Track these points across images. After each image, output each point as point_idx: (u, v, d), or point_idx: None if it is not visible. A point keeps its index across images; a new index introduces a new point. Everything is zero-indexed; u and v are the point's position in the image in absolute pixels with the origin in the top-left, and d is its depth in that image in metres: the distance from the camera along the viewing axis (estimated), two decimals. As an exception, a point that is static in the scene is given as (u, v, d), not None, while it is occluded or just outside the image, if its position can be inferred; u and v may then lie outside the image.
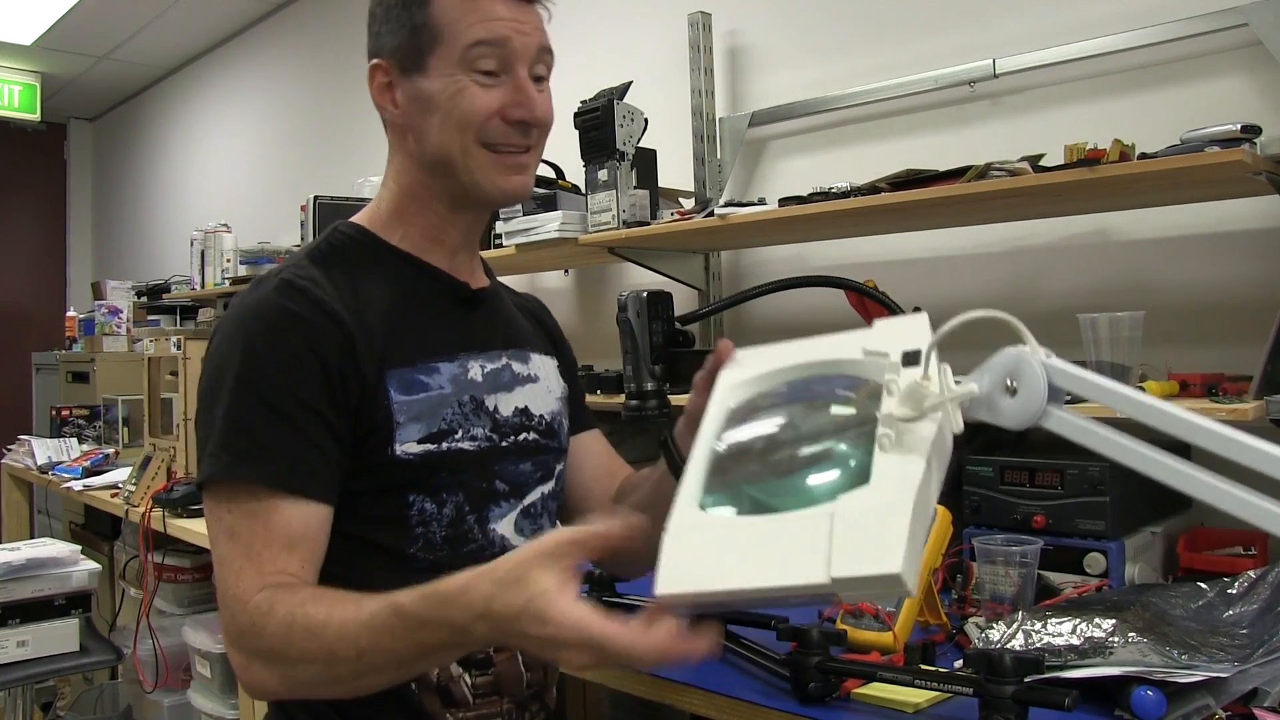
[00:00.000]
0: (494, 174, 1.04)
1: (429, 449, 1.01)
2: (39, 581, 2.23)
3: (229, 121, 5.01)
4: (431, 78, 1.03)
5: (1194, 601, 1.32)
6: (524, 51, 1.03)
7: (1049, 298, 1.94)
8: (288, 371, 0.95)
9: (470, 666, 1.04)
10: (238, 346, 0.96)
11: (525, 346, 1.17)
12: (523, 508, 1.10)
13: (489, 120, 1.02)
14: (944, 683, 1.12)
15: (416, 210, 1.09)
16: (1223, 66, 1.72)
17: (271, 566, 0.90)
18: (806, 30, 2.34)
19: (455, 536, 1.03)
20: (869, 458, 0.73)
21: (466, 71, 1.02)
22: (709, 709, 1.24)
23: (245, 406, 0.94)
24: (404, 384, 1.01)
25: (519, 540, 1.08)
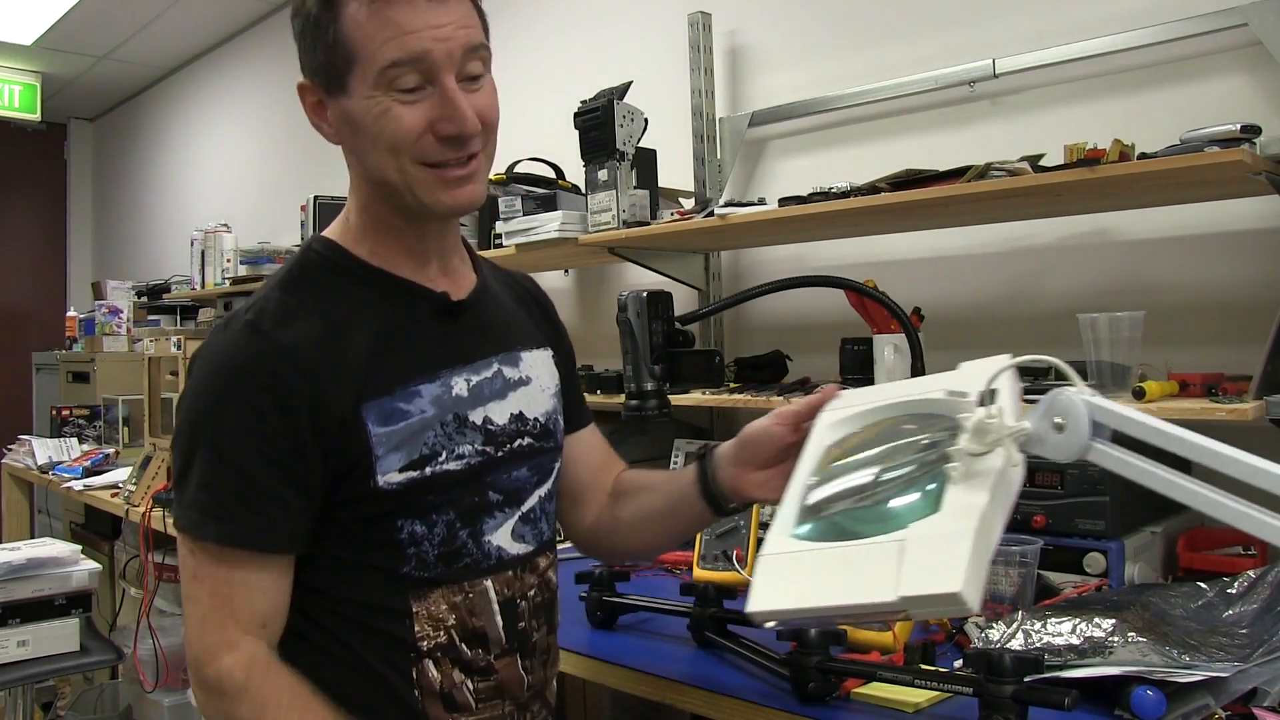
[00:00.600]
0: (437, 191, 1.00)
1: (412, 476, 0.99)
2: (39, 581, 2.23)
3: (229, 121, 5.01)
4: (354, 98, 0.98)
5: (1194, 601, 1.32)
6: (447, 59, 0.96)
7: (1049, 298, 1.94)
8: (249, 426, 0.95)
9: (472, 673, 1.04)
10: (203, 397, 0.97)
11: (516, 346, 1.13)
12: (521, 514, 1.09)
13: (419, 139, 0.97)
14: (944, 682, 1.12)
15: (377, 224, 1.06)
16: (1223, 66, 1.72)
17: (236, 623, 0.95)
18: (806, 30, 2.34)
19: (448, 553, 1.03)
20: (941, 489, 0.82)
21: (386, 92, 0.96)
22: (709, 709, 1.24)
23: (209, 462, 0.96)
24: (382, 414, 0.98)
25: (517, 548, 1.08)
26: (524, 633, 1.08)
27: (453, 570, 1.03)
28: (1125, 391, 1.48)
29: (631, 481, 1.27)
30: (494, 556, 1.05)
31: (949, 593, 0.74)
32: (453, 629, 1.02)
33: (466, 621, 1.03)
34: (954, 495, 0.81)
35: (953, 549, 0.76)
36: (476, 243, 2.67)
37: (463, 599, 1.03)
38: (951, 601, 0.74)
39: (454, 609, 1.02)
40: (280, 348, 0.97)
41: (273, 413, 0.95)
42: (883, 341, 1.78)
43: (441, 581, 1.02)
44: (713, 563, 1.74)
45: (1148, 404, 1.45)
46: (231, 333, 0.99)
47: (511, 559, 1.07)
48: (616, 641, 1.47)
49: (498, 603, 1.05)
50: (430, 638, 1.01)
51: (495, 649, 1.05)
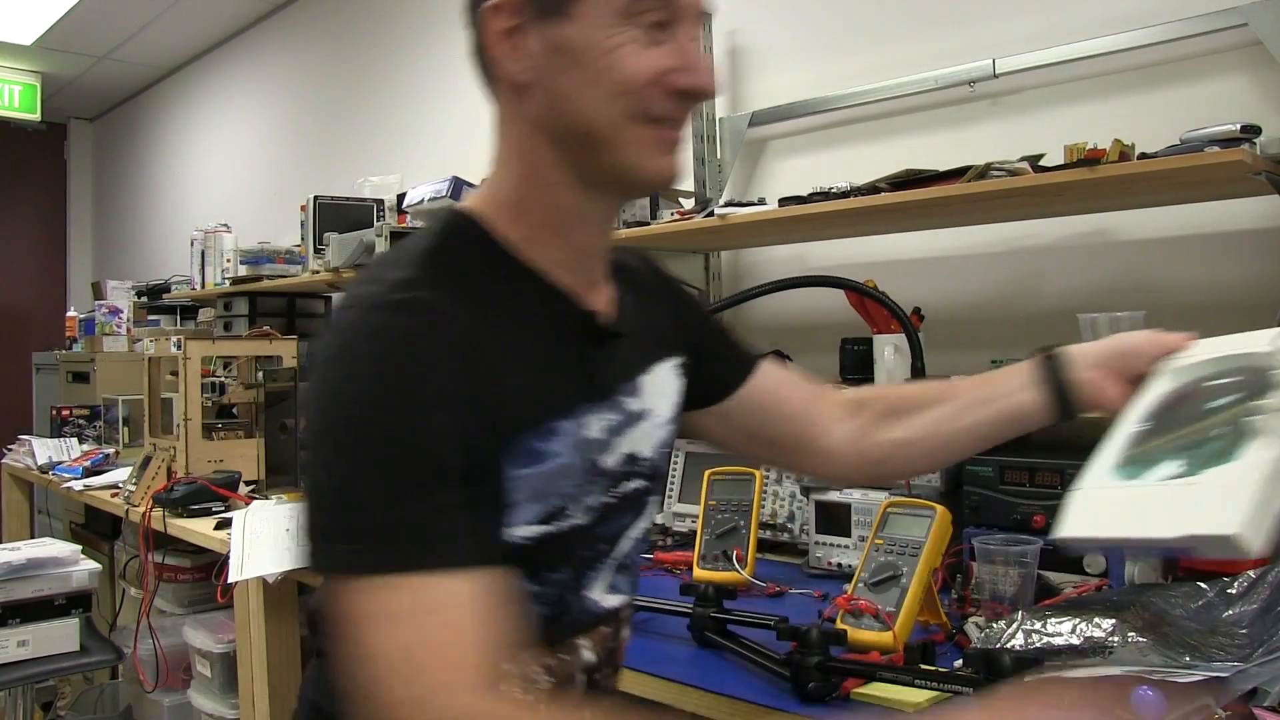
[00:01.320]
0: (650, 153, 0.83)
1: (546, 530, 0.83)
2: (39, 581, 2.23)
3: (229, 121, 5.01)
4: (581, 24, 0.80)
5: (1194, 601, 1.32)
6: (693, 8, 0.85)
7: (1049, 298, 1.94)
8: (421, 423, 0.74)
9: None
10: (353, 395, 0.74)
11: (640, 371, 0.95)
12: (618, 563, 0.94)
13: (649, 87, 0.81)
14: (944, 682, 1.12)
15: (540, 197, 0.86)
16: (1223, 66, 1.72)
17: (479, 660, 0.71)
18: (806, 30, 2.34)
19: (554, 615, 0.87)
20: (1243, 441, 0.89)
21: (628, 22, 0.80)
22: (709, 709, 1.24)
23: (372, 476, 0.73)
24: (521, 454, 0.80)
25: (611, 600, 0.93)
26: (603, 683, 0.95)
27: (551, 631, 0.87)
28: (1125, 391, 1.48)
29: (898, 398, 1.10)
30: (591, 612, 0.91)
31: (1225, 534, 0.83)
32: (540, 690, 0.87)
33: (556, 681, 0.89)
34: (1253, 448, 0.87)
35: (1237, 495, 0.84)
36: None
37: (557, 662, 0.89)
38: (1229, 544, 0.83)
39: (547, 670, 0.88)
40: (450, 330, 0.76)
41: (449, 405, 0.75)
42: (883, 341, 1.78)
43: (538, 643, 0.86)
44: (713, 563, 1.75)
45: (1148, 404, 1.45)
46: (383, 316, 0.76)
47: (604, 613, 0.93)
48: (616, 641, 1.47)
49: (587, 663, 0.92)
50: None
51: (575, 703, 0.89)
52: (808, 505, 1.84)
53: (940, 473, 1.71)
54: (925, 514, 1.39)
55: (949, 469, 1.72)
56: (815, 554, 1.82)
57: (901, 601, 1.33)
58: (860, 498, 1.77)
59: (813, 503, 1.82)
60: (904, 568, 1.36)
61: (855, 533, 1.75)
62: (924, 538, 1.37)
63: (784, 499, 2.02)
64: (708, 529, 1.79)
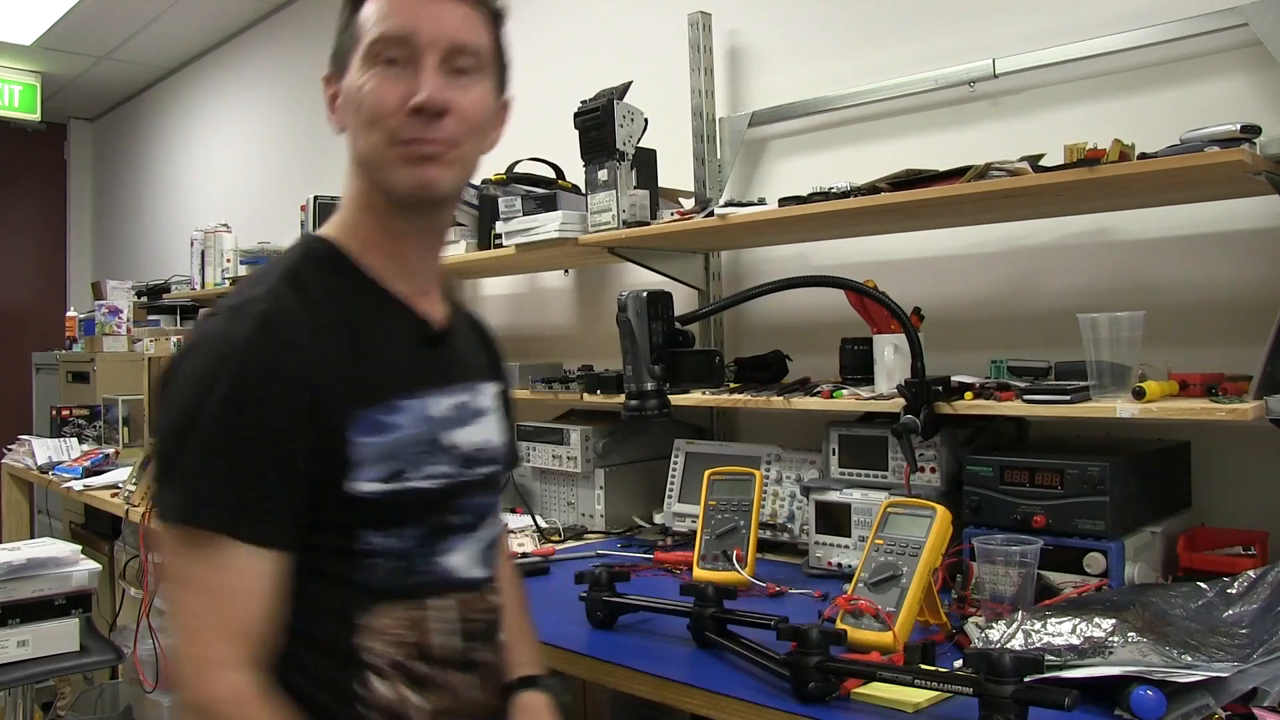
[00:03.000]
0: (401, 170, 1.02)
1: (388, 488, 1.00)
2: (39, 581, 2.23)
3: (229, 121, 5.01)
4: (349, 75, 1.04)
5: (1194, 601, 1.32)
6: (432, 41, 1.01)
7: (1049, 298, 1.94)
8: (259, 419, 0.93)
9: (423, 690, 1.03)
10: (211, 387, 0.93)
11: (477, 378, 1.14)
12: (476, 539, 1.10)
13: (393, 115, 1.00)
14: (944, 682, 1.12)
15: (366, 219, 1.07)
16: (1223, 66, 1.72)
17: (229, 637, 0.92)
18: (806, 30, 2.34)
19: (408, 570, 1.03)
20: None
21: (373, 64, 1.01)
22: (709, 709, 1.24)
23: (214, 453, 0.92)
24: (366, 425, 0.99)
25: (473, 572, 1.09)
26: (473, 652, 1.08)
27: (410, 587, 1.03)
28: (1125, 391, 1.48)
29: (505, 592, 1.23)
30: (451, 577, 1.06)
31: None
32: (406, 645, 1.02)
33: (420, 638, 1.03)
34: None
35: None
36: (476, 243, 2.67)
37: (419, 615, 1.03)
38: None
39: (410, 624, 1.02)
40: (290, 345, 0.96)
41: (277, 408, 0.94)
42: (883, 341, 1.78)
43: (398, 597, 1.02)
44: (713, 563, 1.75)
45: (1147, 404, 1.45)
46: (239, 323, 0.96)
47: (466, 581, 1.08)
48: (616, 641, 1.47)
49: (450, 622, 1.06)
50: (381, 653, 1.01)
51: (446, 667, 1.05)
52: (808, 505, 1.84)
53: (940, 472, 1.71)
54: (925, 514, 1.39)
55: (950, 469, 1.72)
56: (815, 554, 1.82)
57: (901, 601, 1.33)
58: (860, 498, 1.77)
59: (813, 503, 1.82)
60: (904, 568, 1.36)
61: (855, 533, 1.75)
62: (924, 538, 1.37)
63: (784, 499, 2.02)
64: (708, 529, 1.79)
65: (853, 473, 1.83)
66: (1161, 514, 1.59)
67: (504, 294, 3.25)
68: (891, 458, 1.78)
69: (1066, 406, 1.51)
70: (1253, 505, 1.67)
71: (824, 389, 1.86)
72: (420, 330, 1.09)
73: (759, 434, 2.39)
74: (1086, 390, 1.53)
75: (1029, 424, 1.85)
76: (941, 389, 1.65)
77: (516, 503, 2.47)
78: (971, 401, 1.62)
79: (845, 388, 1.85)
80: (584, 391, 2.27)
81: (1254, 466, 1.67)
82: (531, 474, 2.47)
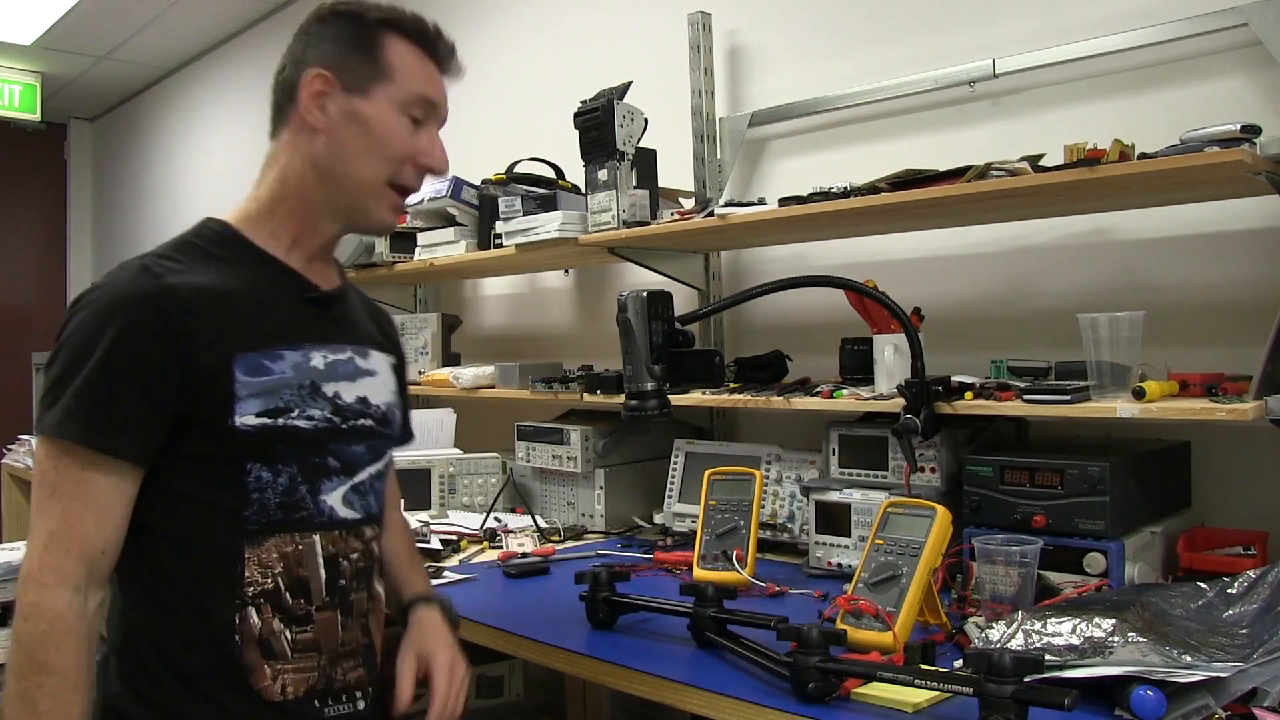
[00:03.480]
0: (386, 209, 1.21)
1: (266, 423, 1.11)
2: (39, 581, 2.23)
3: (229, 121, 5.01)
4: (372, 103, 1.17)
5: (1194, 601, 1.32)
6: (442, 114, 1.24)
7: (1049, 298, 1.94)
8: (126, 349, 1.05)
9: (291, 622, 1.13)
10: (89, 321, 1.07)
11: (367, 344, 1.27)
12: (353, 484, 1.20)
13: (405, 162, 1.19)
14: (944, 683, 1.12)
15: (290, 211, 1.21)
16: (1223, 66, 1.72)
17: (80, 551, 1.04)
18: (806, 30, 2.34)
19: (288, 504, 1.13)
20: None
21: (403, 114, 1.19)
22: (709, 709, 1.25)
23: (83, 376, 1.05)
24: (248, 366, 1.11)
25: (347, 512, 1.19)
26: (344, 590, 1.18)
27: (288, 521, 1.13)
28: (1125, 391, 1.48)
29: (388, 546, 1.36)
30: (326, 515, 1.17)
31: None
32: (280, 576, 1.12)
33: (293, 570, 1.13)
34: None
35: None
36: (476, 243, 2.68)
37: (293, 549, 1.14)
38: None
39: (284, 557, 1.13)
40: (168, 288, 1.09)
41: (149, 341, 1.06)
42: (883, 341, 1.78)
43: (276, 530, 1.12)
44: (713, 563, 1.75)
45: (1147, 404, 1.45)
46: (124, 273, 1.11)
47: (340, 521, 1.18)
48: (616, 641, 1.47)
49: (323, 557, 1.16)
50: (258, 584, 1.11)
51: (316, 601, 1.15)
52: (808, 505, 1.84)
53: (940, 472, 1.71)
54: (925, 514, 1.39)
55: (950, 469, 1.72)
56: (815, 554, 1.82)
57: (901, 601, 1.33)
58: (860, 498, 1.77)
59: (813, 503, 1.82)
60: (904, 568, 1.36)
61: (855, 533, 1.75)
62: (924, 538, 1.37)
63: (784, 499, 2.02)
64: (708, 529, 1.79)
65: (853, 473, 1.83)
66: (1161, 514, 1.59)
67: (504, 294, 3.25)
68: (891, 458, 1.78)
69: (1066, 406, 1.51)
70: (1253, 505, 1.67)
71: (824, 389, 1.86)
72: (306, 291, 1.21)
73: (759, 434, 2.39)
74: (1086, 390, 1.53)
75: (1029, 424, 1.85)
76: (941, 389, 1.65)
77: (516, 503, 2.47)
78: (971, 401, 1.62)
79: (845, 388, 1.85)
80: (584, 391, 2.27)
81: (1254, 466, 1.67)
82: (531, 474, 2.47)
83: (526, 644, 1.51)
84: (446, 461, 2.47)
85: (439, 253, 2.74)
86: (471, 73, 1.26)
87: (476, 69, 3.28)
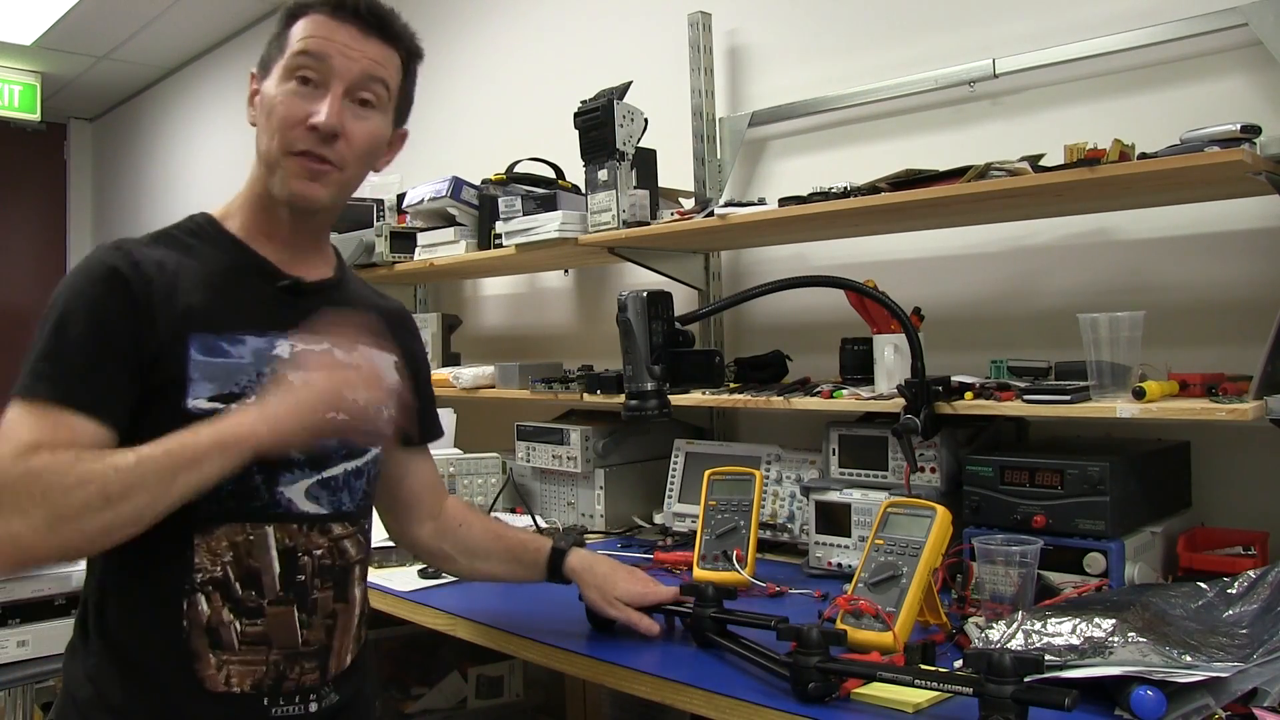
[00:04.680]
0: (288, 178, 1.16)
1: (218, 407, 1.09)
2: (39, 581, 2.23)
3: (229, 121, 5.01)
4: (268, 80, 1.19)
5: (1194, 601, 1.32)
6: (342, 71, 1.16)
7: (1049, 298, 1.94)
8: (96, 314, 1.08)
9: (241, 614, 1.12)
10: (63, 293, 1.11)
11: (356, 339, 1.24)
12: (320, 479, 1.19)
13: (294, 127, 1.15)
14: (944, 683, 1.12)
15: (250, 203, 1.23)
16: (1223, 66, 1.72)
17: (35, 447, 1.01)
18: (806, 30, 2.34)
19: (240, 492, 1.12)
20: None
21: (289, 80, 1.16)
22: (709, 709, 1.24)
23: (57, 340, 1.08)
24: (205, 347, 1.12)
25: (309, 506, 1.17)
26: (302, 586, 1.16)
27: (240, 510, 1.12)
28: (1125, 391, 1.48)
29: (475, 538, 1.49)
30: (283, 507, 1.15)
31: None
32: (229, 565, 1.11)
33: (244, 560, 1.12)
34: None
35: None
36: (476, 243, 2.67)
37: (244, 539, 1.12)
38: None
39: (234, 547, 1.12)
40: (134, 262, 1.11)
41: (117, 306, 1.08)
42: (883, 341, 1.78)
43: (227, 519, 1.11)
44: (713, 563, 1.75)
45: (1147, 404, 1.45)
46: (99, 250, 1.14)
47: (300, 514, 1.16)
48: (616, 641, 1.47)
49: (276, 550, 1.14)
50: (207, 571, 1.10)
51: (269, 594, 1.13)
52: (808, 505, 1.84)
53: (940, 472, 1.71)
54: (925, 514, 1.39)
55: (951, 469, 1.72)
56: (815, 554, 1.82)
57: (901, 601, 1.33)
58: (860, 498, 1.77)
59: (813, 503, 1.82)
60: (904, 568, 1.36)
61: (855, 533, 1.75)
62: (924, 538, 1.37)
63: (784, 499, 2.02)
64: (708, 529, 1.79)
65: (853, 473, 1.83)
66: (1161, 514, 1.59)
67: (504, 294, 3.25)
68: (891, 458, 1.78)
69: (1066, 406, 1.51)
70: (1253, 505, 1.67)
71: (824, 389, 1.86)
72: (280, 281, 1.21)
73: (759, 434, 2.39)
74: (1086, 390, 1.53)
75: (1029, 424, 1.85)
76: (941, 389, 1.65)
77: (516, 503, 2.47)
78: (971, 401, 1.62)
79: (845, 388, 1.85)
80: (584, 391, 2.27)
81: (1254, 466, 1.67)
82: (531, 474, 2.47)
83: (526, 644, 1.51)
84: (446, 461, 2.47)
85: (439, 253, 2.74)
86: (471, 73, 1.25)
87: (476, 69, 3.28)
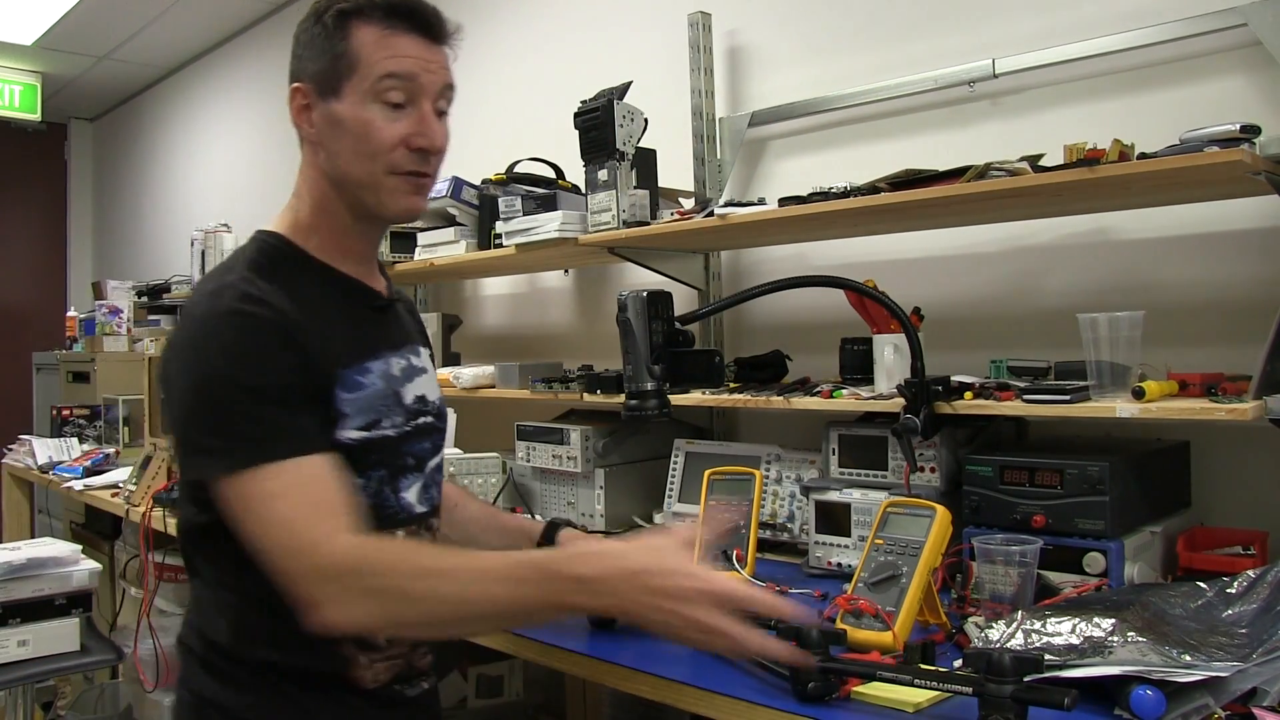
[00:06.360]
0: (398, 195, 1.19)
1: (365, 436, 1.17)
2: (39, 581, 2.24)
3: (229, 121, 5.01)
4: (345, 103, 1.16)
5: (1193, 601, 1.32)
6: (430, 87, 1.19)
7: (1049, 298, 1.94)
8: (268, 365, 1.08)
9: None
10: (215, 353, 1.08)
11: (416, 342, 1.34)
12: (424, 480, 1.27)
13: (394, 149, 1.16)
14: (943, 682, 1.12)
15: (326, 220, 1.23)
16: (1223, 66, 1.72)
17: (332, 515, 1.04)
18: (806, 30, 2.35)
19: (376, 505, 1.19)
20: None
21: (376, 102, 1.16)
22: (709, 709, 1.24)
23: (239, 402, 1.06)
24: (347, 382, 1.16)
25: (423, 506, 1.27)
26: None
27: (378, 520, 1.18)
28: (1125, 391, 1.48)
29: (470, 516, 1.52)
30: (406, 511, 1.24)
31: None
32: None
33: None
34: None
35: None
36: (476, 243, 2.68)
37: None
38: None
39: None
40: (277, 309, 1.11)
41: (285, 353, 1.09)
42: (883, 341, 1.78)
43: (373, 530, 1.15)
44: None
45: (1147, 404, 1.45)
46: (227, 300, 1.10)
47: (417, 515, 1.26)
48: (616, 641, 1.47)
49: None
50: None
51: None
52: (808, 505, 1.84)
53: (940, 472, 1.71)
54: (925, 514, 1.39)
55: (950, 469, 1.72)
56: (815, 554, 1.82)
57: (901, 601, 1.33)
58: (860, 498, 1.77)
59: (813, 503, 1.82)
60: (904, 568, 1.36)
61: (855, 533, 1.75)
62: (924, 538, 1.37)
63: (784, 499, 2.02)
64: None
65: (853, 473, 1.83)
66: (1161, 514, 1.59)
67: (504, 294, 3.25)
68: (891, 458, 1.78)
69: (1066, 406, 1.51)
70: (1252, 505, 1.67)
71: (824, 389, 1.86)
72: (371, 301, 1.27)
73: (759, 434, 2.39)
74: (1086, 390, 1.53)
75: (1029, 424, 1.85)
76: (941, 389, 1.65)
77: (516, 502, 2.47)
78: (971, 401, 1.62)
79: (845, 388, 1.85)
80: (584, 391, 2.27)
81: (1254, 466, 1.67)
82: (531, 474, 2.47)
83: (526, 644, 1.51)
84: (446, 461, 2.47)
85: (439, 253, 2.74)
86: (472, 73, 1.26)
87: (476, 69, 3.28)
